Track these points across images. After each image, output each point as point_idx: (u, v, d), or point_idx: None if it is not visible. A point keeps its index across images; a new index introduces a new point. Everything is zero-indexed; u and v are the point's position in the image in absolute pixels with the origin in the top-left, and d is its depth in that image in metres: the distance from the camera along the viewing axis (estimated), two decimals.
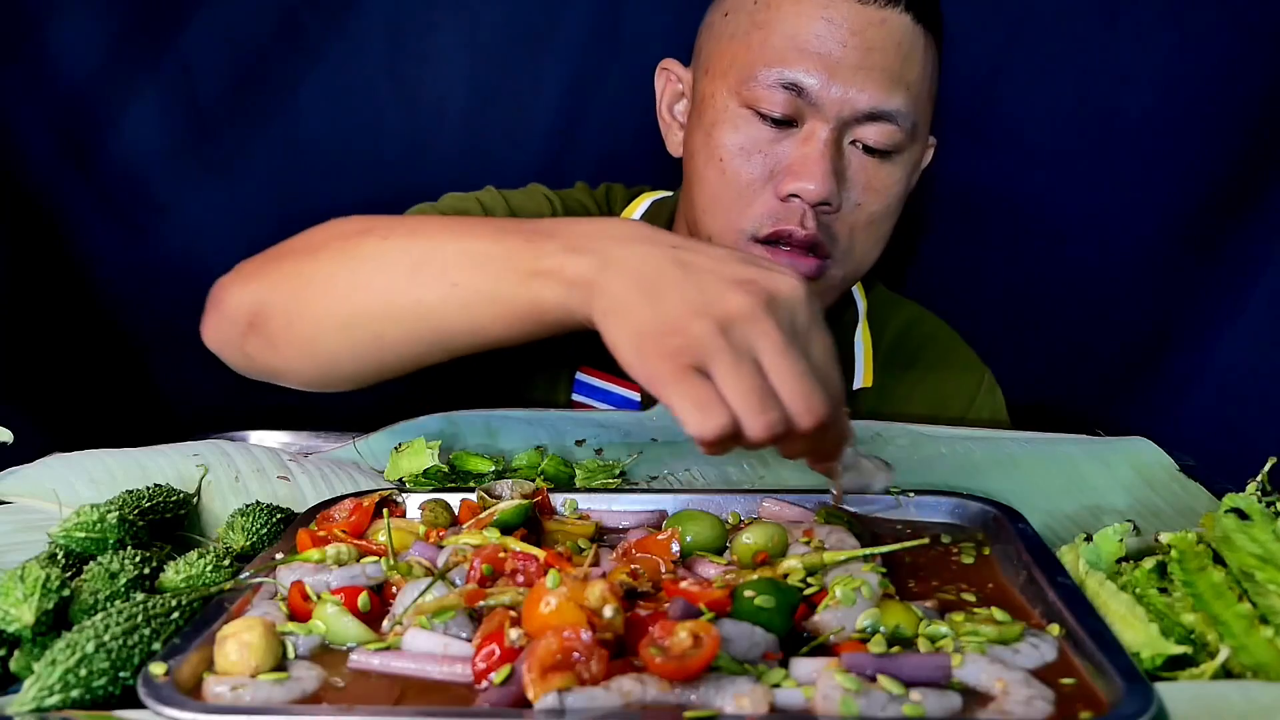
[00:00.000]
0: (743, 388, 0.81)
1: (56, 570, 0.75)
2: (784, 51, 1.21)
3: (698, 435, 0.81)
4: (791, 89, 1.20)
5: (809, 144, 1.21)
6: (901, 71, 1.22)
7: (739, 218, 1.24)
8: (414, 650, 0.71)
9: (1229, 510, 0.86)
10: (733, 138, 1.24)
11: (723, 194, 1.25)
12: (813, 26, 1.20)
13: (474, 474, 1.10)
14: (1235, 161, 1.67)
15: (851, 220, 1.24)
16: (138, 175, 1.71)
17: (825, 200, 1.20)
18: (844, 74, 1.20)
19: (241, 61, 1.69)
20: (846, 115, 1.20)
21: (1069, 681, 0.68)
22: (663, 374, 0.82)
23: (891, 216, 1.28)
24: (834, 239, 1.24)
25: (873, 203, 1.25)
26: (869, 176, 1.24)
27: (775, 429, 0.81)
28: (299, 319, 1.07)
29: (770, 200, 1.23)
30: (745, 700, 0.64)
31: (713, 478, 1.11)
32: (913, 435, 1.21)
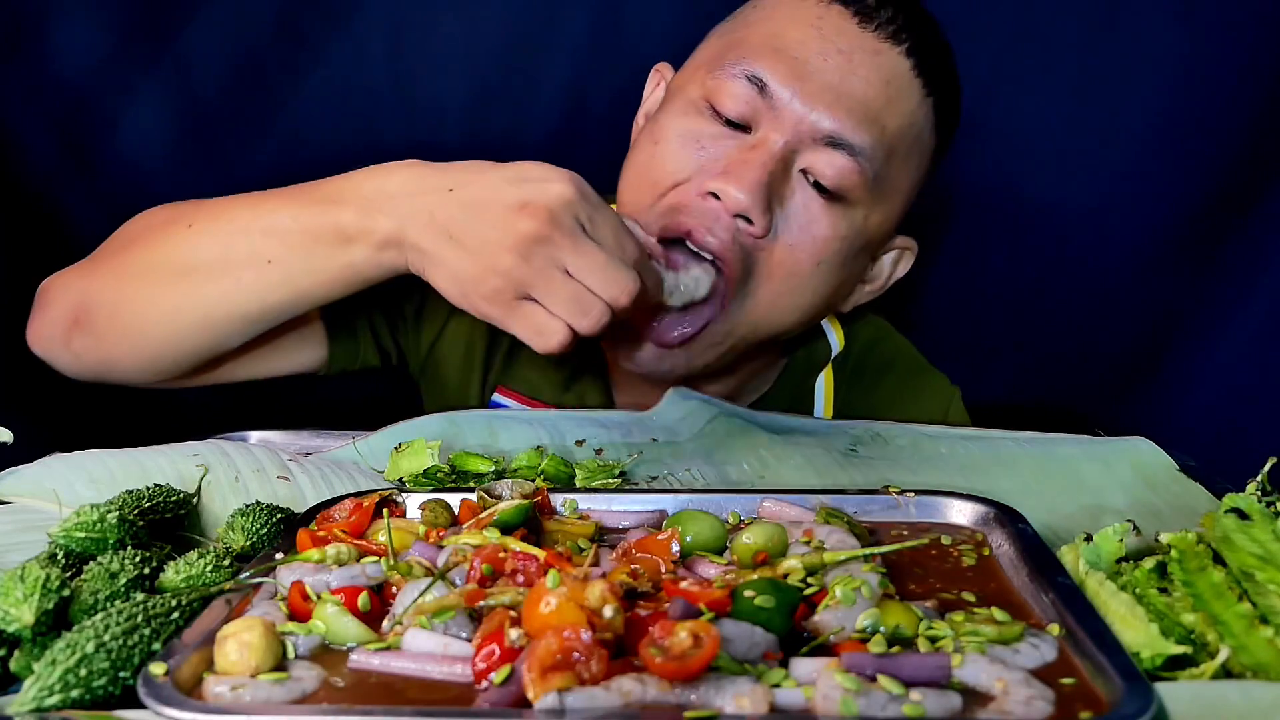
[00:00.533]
0: (561, 300, 0.99)
1: (56, 570, 0.75)
2: (760, 46, 1.13)
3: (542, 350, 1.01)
4: (755, 82, 1.11)
5: (754, 151, 1.11)
6: (880, 111, 1.11)
7: (651, 197, 1.15)
8: (414, 650, 0.71)
9: (1229, 510, 0.86)
10: (677, 122, 1.16)
11: (647, 172, 1.17)
12: (799, 31, 1.12)
13: (474, 474, 1.10)
14: (1235, 162, 1.67)
15: (775, 260, 1.13)
16: (138, 175, 1.71)
17: (745, 213, 1.10)
18: (815, 87, 1.10)
19: (241, 61, 1.69)
20: (805, 132, 1.10)
21: (1069, 681, 0.68)
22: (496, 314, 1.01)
23: (822, 278, 1.15)
24: (747, 274, 1.13)
25: (805, 247, 1.13)
26: (810, 216, 1.12)
27: (601, 320, 1.00)
28: (123, 310, 1.12)
29: (689, 194, 1.13)
30: (745, 700, 0.64)
31: (713, 478, 1.11)
32: (913, 435, 1.21)
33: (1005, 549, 0.89)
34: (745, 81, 1.11)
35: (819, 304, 1.19)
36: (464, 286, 1.01)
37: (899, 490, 0.99)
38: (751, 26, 1.16)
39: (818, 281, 1.16)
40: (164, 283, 1.11)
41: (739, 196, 1.10)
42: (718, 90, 1.13)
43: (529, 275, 0.99)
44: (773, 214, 1.12)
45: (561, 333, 1.00)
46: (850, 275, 1.21)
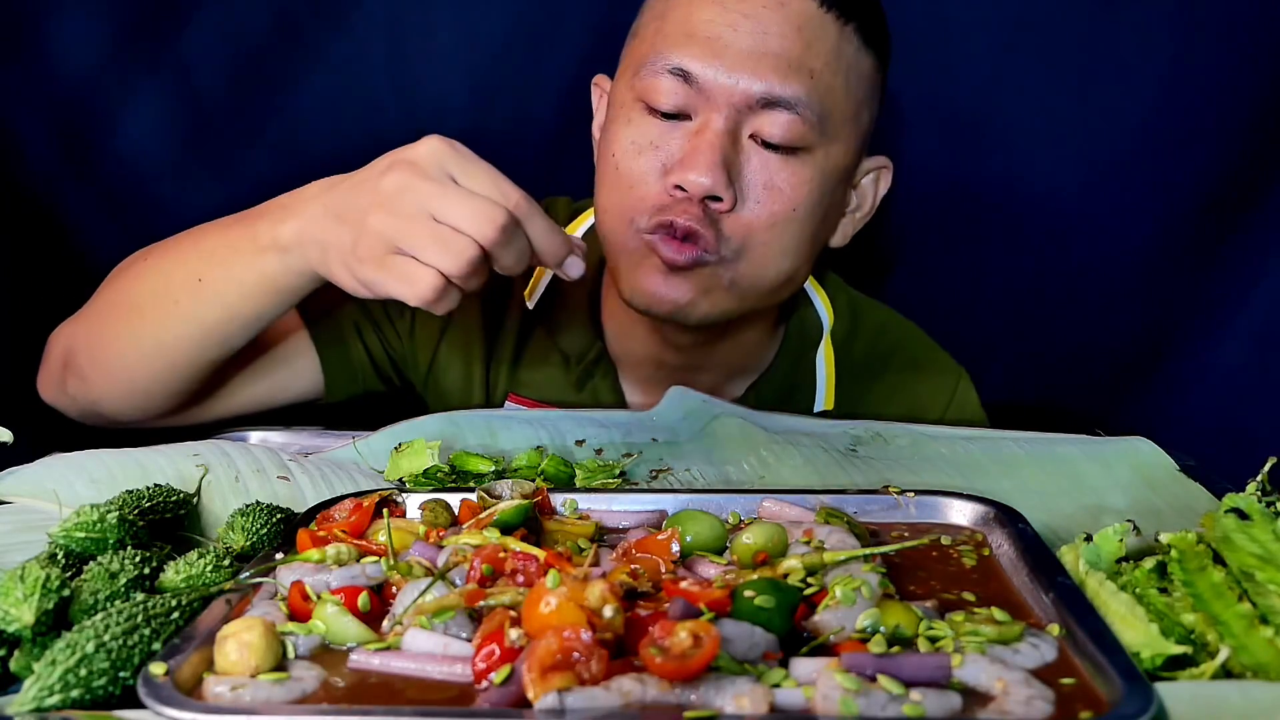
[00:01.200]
0: (425, 242, 0.96)
1: (56, 570, 0.75)
2: (673, 37, 1.17)
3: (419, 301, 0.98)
4: (678, 74, 1.15)
5: (700, 135, 1.15)
6: (802, 58, 1.14)
7: (630, 211, 1.19)
8: (414, 650, 0.71)
9: (1229, 510, 0.86)
10: (625, 132, 1.20)
11: (615, 190, 1.21)
12: (703, 12, 1.16)
13: (474, 474, 1.10)
14: (1235, 162, 1.67)
15: (749, 219, 1.17)
16: (138, 175, 1.71)
17: (713, 194, 1.14)
18: (733, 58, 1.14)
19: (241, 61, 1.69)
20: (739, 102, 1.14)
21: (1069, 681, 0.68)
22: (371, 275, 0.98)
23: (804, 222, 1.19)
24: (724, 237, 1.17)
25: (775, 202, 1.17)
26: (770, 175, 1.16)
27: (467, 255, 0.96)
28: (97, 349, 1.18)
29: (659, 194, 1.17)
30: (745, 700, 0.64)
31: (713, 478, 1.11)
32: (913, 435, 1.21)
33: (1005, 549, 0.89)
34: (670, 76, 1.16)
35: (806, 246, 1.23)
36: (346, 260, 1.01)
37: (899, 490, 0.99)
38: (662, 19, 1.20)
39: (799, 227, 1.20)
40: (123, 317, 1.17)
41: (701, 180, 1.14)
42: (648, 91, 1.17)
43: (395, 225, 0.97)
44: (736, 185, 1.16)
45: (430, 278, 0.97)
46: (830, 210, 1.25)
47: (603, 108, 1.34)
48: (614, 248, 1.25)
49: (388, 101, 1.72)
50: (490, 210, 0.97)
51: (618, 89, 1.25)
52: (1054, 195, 1.72)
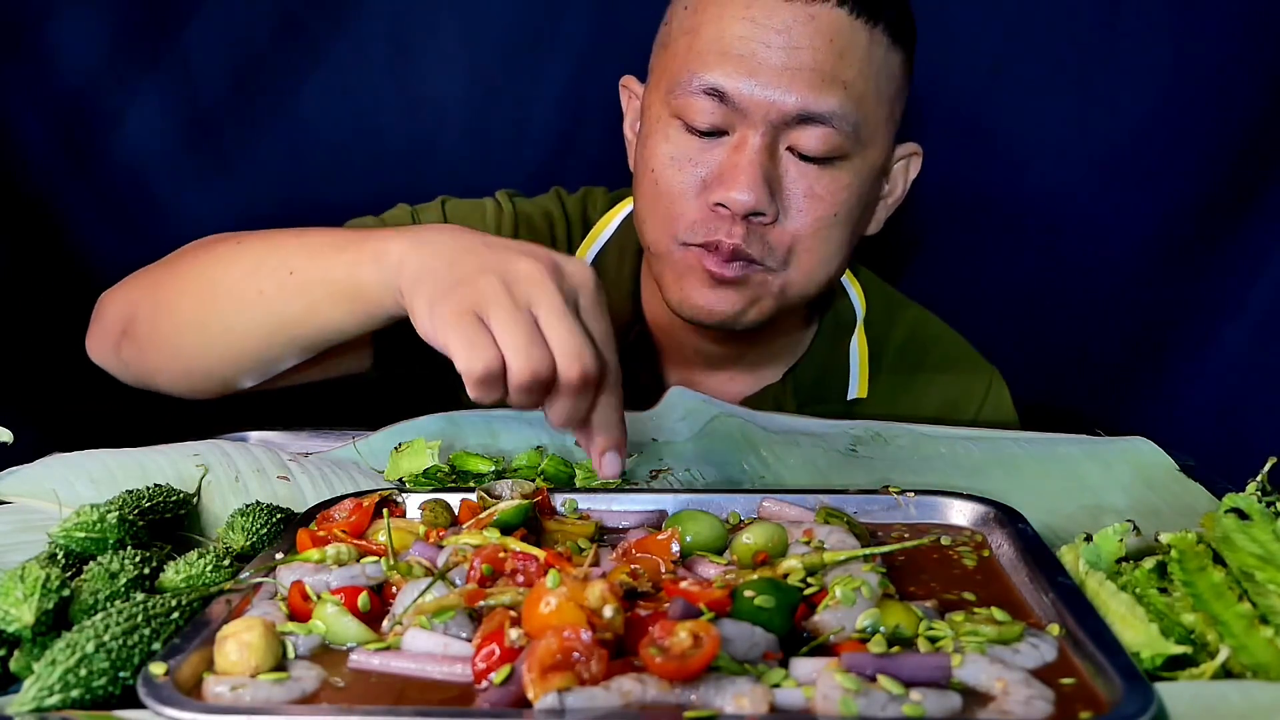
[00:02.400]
0: (512, 331, 0.88)
1: (56, 570, 0.75)
2: (706, 56, 1.17)
3: (465, 369, 0.88)
4: (714, 95, 1.15)
5: (739, 152, 1.16)
6: (835, 70, 1.14)
7: (672, 226, 1.21)
8: (414, 650, 0.71)
9: (1229, 510, 0.86)
10: (664, 148, 1.20)
11: (657, 205, 1.22)
12: (735, 28, 1.15)
13: (474, 474, 1.10)
14: (1235, 161, 1.67)
15: (794, 230, 1.19)
16: (138, 175, 1.71)
17: (755, 210, 1.15)
18: (768, 75, 1.14)
19: (241, 61, 1.69)
20: (775, 119, 1.15)
21: (1069, 681, 0.68)
22: (445, 319, 0.89)
23: (845, 225, 1.22)
24: (770, 249, 1.19)
25: (816, 210, 1.18)
26: (809, 184, 1.17)
27: (538, 370, 0.87)
28: (161, 321, 1.14)
29: (702, 209, 1.18)
30: (745, 700, 0.64)
31: (713, 478, 1.11)
32: (913, 435, 1.21)
33: (1005, 549, 0.89)
34: (705, 96, 1.16)
35: (849, 244, 1.25)
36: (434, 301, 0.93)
37: (899, 490, 0.99)
38: (694, 35, 1.19)
39: (841, 231, 1.22)
40: (197, 294, 1.13)
41: (743, 199, 1.14)
42: (684, 110, 1.18)
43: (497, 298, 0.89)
44: (777, 198, 1.17)
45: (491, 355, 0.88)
46: (869, 205, 1.27)
47: (632, 109, 1.35)
48: (658, 258, 1.26)
49: (388, 101, 1.72)
50: (586, 354, 0.89)
51: (651, 101, 1.25)
52: (1054, 195, 1.72)
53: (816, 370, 1.40)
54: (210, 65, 1.68)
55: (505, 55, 1.71)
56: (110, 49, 1.66)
